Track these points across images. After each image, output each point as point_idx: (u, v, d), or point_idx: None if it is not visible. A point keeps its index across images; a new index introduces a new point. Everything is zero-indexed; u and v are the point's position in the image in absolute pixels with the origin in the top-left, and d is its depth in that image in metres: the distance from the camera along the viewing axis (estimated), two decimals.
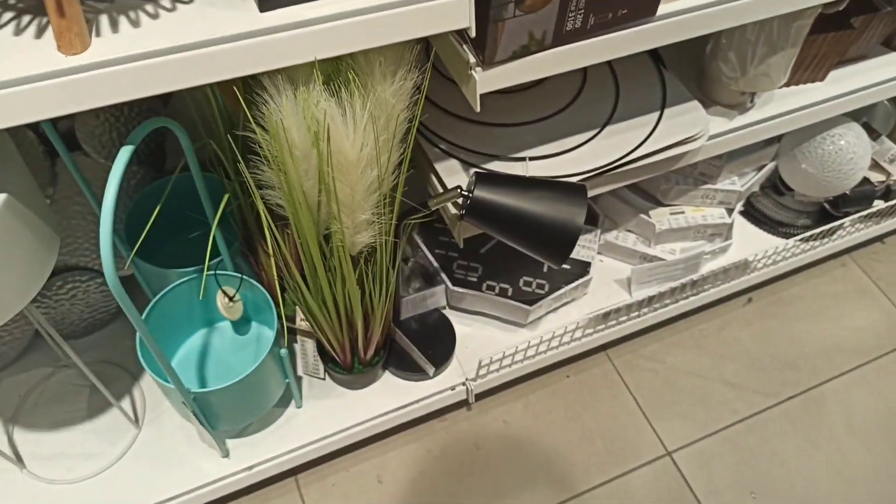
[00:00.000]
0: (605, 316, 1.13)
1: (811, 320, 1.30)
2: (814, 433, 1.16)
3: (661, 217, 1.16)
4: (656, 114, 0.94)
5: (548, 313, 1.15)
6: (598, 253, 1.21)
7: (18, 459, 0.97)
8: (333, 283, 0.76)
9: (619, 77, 0.99)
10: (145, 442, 1.00)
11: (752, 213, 1.28)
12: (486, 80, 0.68)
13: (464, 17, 0.62)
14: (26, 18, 0.54)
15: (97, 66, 0.52)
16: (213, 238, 0.88)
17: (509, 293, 1.08)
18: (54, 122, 0.98)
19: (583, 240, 1.15)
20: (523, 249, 0.80)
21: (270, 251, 0.72)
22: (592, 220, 1.18)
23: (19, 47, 0.52)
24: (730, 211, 1.19)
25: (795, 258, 1.27)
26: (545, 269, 1.12)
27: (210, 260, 0.92)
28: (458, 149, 0.89)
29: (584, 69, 1.00)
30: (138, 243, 0.94)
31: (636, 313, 1.16)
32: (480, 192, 0.77)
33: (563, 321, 1.14)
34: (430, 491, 1.08)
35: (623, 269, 1.20)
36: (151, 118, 0.68)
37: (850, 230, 1.30)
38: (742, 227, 1.28)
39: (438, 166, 0.87)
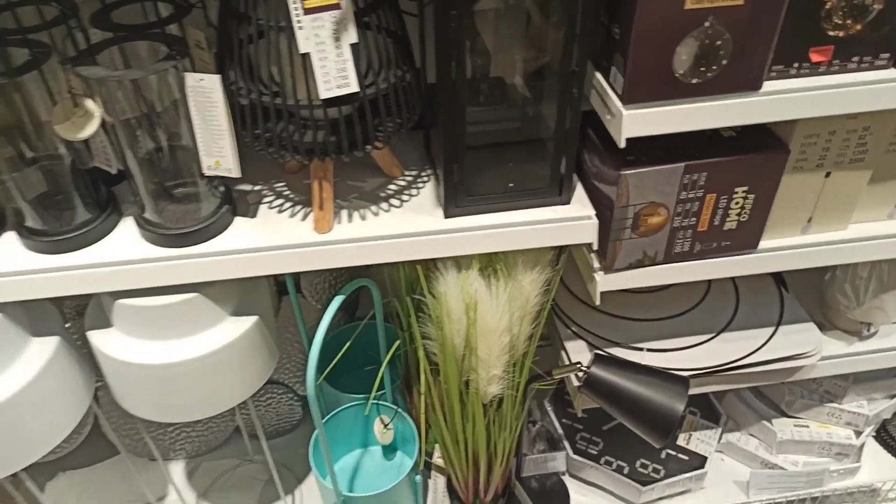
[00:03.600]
0: None
1: None
2: None
3: (784, 427, 1.22)
4: (771, 328, 1.06)
5: (662, 498, 1.22)
6: (719, 451, 1.28)
7: None
8: (466, 423, 0.95)
9: (741, 291, 1.13)
10: None
11: (887, 440, 1.28)
12: (606, 282, 0.88)
13: (591, 236, 0.83)
14: (298, 207, 0.84)
15: (334, 242, 0.79)
16: (382, 375, 1.12)
17: (625, 471, 1.19)
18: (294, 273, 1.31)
19: (702, 434, 1.24)
20: (629, 425, 0.94)
21: (423, 390, 0.93)
22: (714, 418, 1.27)
23: (290, 225, 0.82)
24: (858, 433, 1.21)
25: None
26: (663, 456, 1.21)
27: (375, 391, 1.15)
28: (587, 332, 1.06)
29: (709, 280, 1.15)
30: (326, 371, 1.20)
31: None
32: (597, 370, 0.94)
33: None
34: None
35: (743, 472, 1.25)
36: (359, 278, 0.95)
37: None
38: (875, 452, 1.28)
39: (568, 344, 1.06)
